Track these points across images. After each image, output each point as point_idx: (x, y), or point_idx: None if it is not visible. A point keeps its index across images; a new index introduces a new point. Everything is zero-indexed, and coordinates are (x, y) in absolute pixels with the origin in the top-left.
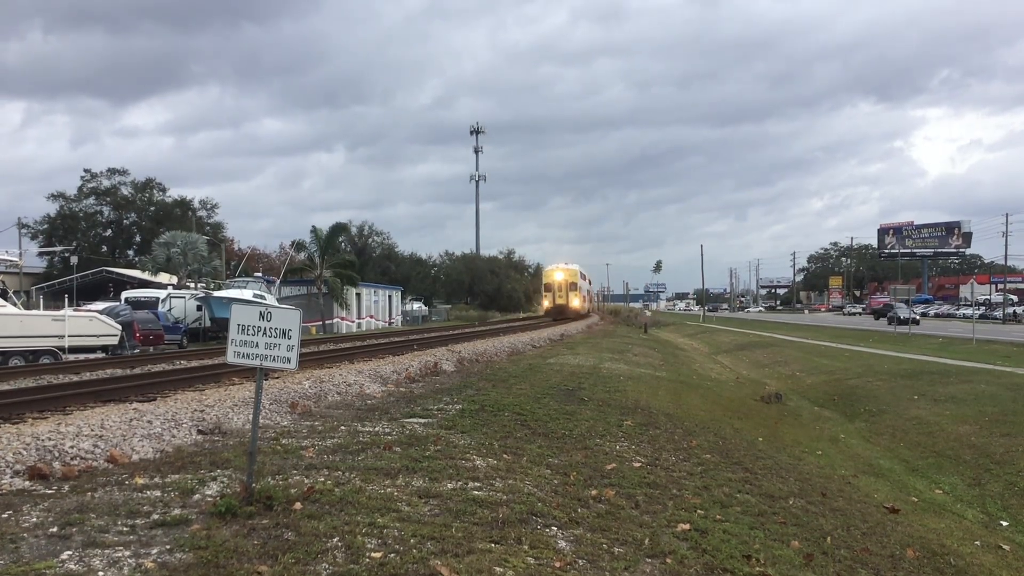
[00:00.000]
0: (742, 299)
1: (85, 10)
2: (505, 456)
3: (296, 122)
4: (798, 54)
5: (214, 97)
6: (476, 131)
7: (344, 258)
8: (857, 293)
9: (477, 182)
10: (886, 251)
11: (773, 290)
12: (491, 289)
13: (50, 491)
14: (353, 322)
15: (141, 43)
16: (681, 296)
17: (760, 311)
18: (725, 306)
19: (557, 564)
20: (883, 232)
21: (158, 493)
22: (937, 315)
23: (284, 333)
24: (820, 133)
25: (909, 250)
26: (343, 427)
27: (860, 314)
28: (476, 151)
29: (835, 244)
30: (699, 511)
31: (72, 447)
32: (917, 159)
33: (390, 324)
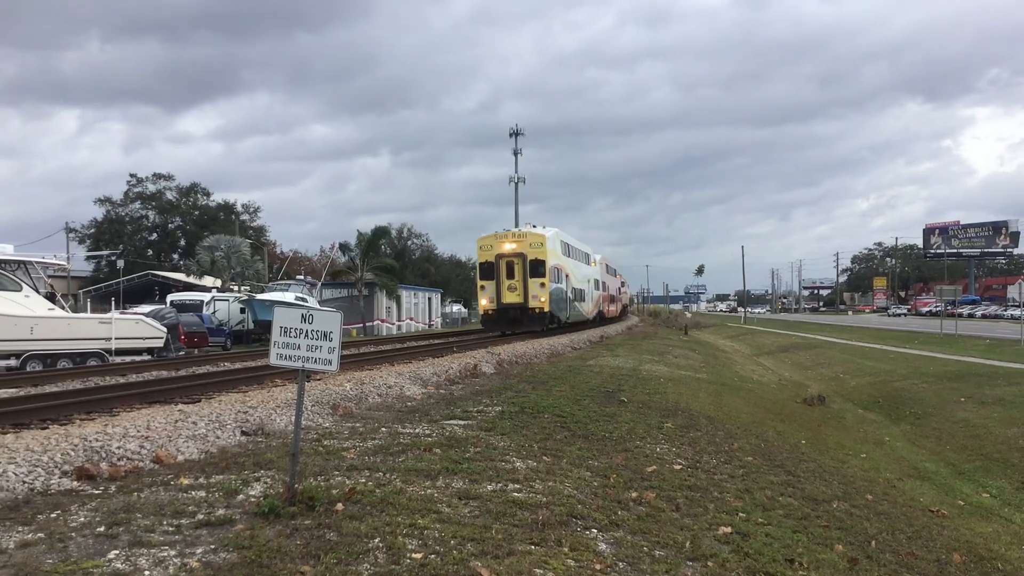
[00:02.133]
0: (784, 300)
1: (142, 20)
2: (545, 458)
3: (343, 127)
4: (846, 54)
5: (264, 103)
6: (515, 133)
7: (385, 261)
8: (902, 294)
9: (516, 184)
10: (932, 251)
11: (816, 291)
12: None
13: (97, 491)
14: (393, 324)
15: (195, 52)
16: (722, 297)
17: (803, 311)
18: (767, 307)
19: (597, 567)
20: (928, 232)
21: (203, 493)
22: (984, 316)
23: (325, 335)
24: (867, 133)
25: (955, 250)
26: (384, 429)
27: (905, 315)
28: (515, 153)
29: (879, 244)
30: (741, 514)
31: (119, 448)
32: (966, 158)
33: (430, 326)
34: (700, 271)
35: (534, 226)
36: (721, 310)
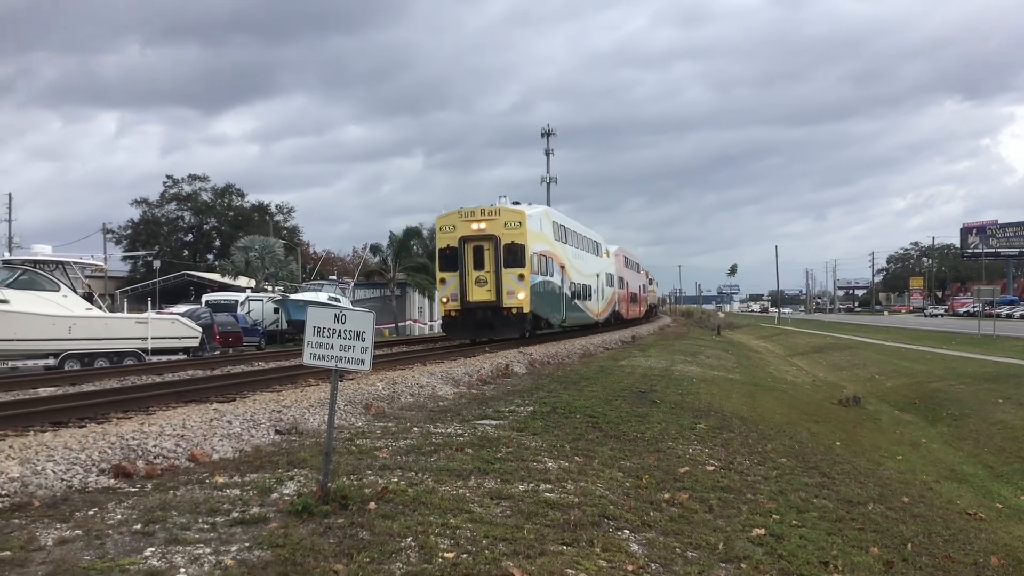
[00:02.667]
0: (818, 300)
1: (181, 24)
2: (577, 458)
3: (378, 128)
4: (883, 52)
5: (300, 105)
6: (547, 133)
7: (417, 261)
8: (939, 294)
9: (548, 184)
10: (969, 251)
11: (851, 291)
12: None
13: (134, 489)
14: (425, 324)
15: (233, 55)
16: (755, 298)
17: (838, 311)
18: (801, 307)
19: (629, 567)
20: (966, 231)
21: (237, 492)
22: (1023, 316)
23: (358, 335)
24: (905, 132)
25: (993, 250)
26: (416, 428)
27: (942, 316)
28: (547, 153)
29: (916, 244)
30: (774, 516)
31: (155, 446)
32: (1005, 156)
33: None
34: (733, 271)
35: (516, 203)
36: (753, 310)
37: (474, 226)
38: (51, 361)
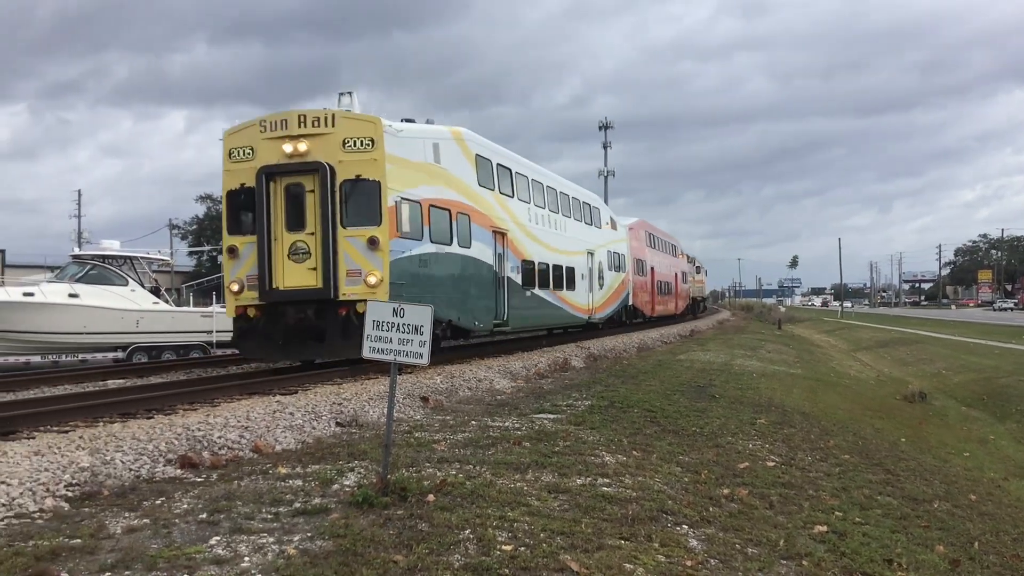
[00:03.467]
0: (883, 294)
1: (246, 24)
2: (634, 453)
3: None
4: (950, 41)
5: (360, 101)
6: (605, 126)
7: None
8: (1008, 288)
9: (606, 177)
10: None
11: (917, 285)
12: None
13: (199, 479)
14: None
15: (296, 53)
16: (817, 291)
17: (903, 305)
18: (865, 301)
19: (688, 563)
20: None
21: (299, 483)
22: None
23: (416, 329)
24: (973, 121)
25: None
26: (473, 422)
27: (1012, 310)
28: (604, 147)
29: (985, 236)
30: (837, 513)
31: (220, 437)
32: None
33: None
34: (794, 263)
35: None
36: (815, 304)
37: (286, 148)
38: (119, 354)
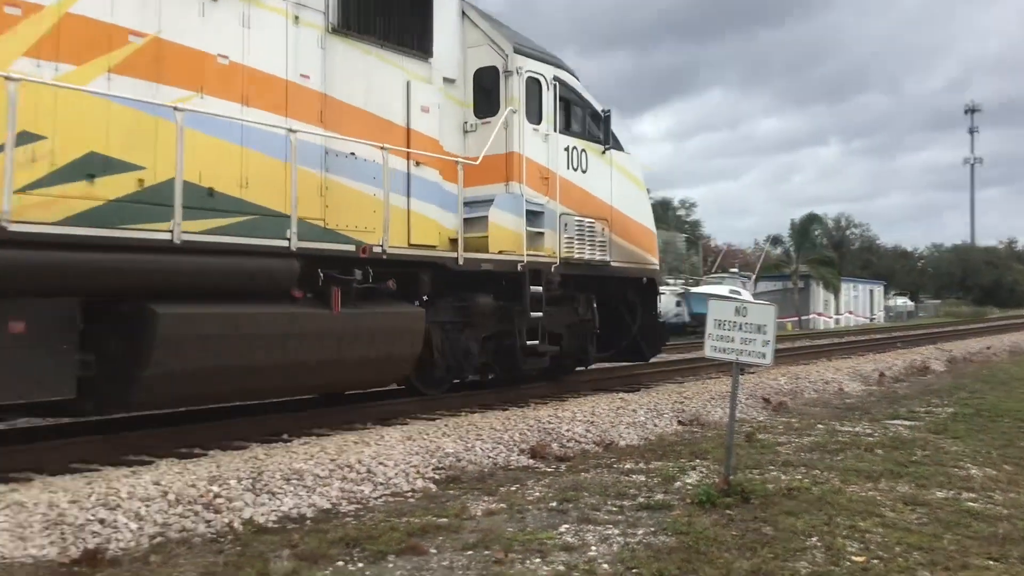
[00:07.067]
0: None
1: (617, 33)
2: (1006, 466)
3: (791, 119)
4: None
5: (715, 101)
6: (971, 110)
7: (822, 253)
8: None
9: (972, 166)
10: None
11: None
12: (988, 282)
13: (549, 469)
14: (831, 318)
15: (659, 58)
16: None
17: None
18: None
19: None
20: None
21: (642, 478)
22: None
23: (759, 328)
24: None
25: None
26: (820, 425)
27: None
28: (970, 132)
29: None
30: None
31: (567, 431)
32: None
33: (871, 320)
34: None
35: None
36: None
37: None
38: None
